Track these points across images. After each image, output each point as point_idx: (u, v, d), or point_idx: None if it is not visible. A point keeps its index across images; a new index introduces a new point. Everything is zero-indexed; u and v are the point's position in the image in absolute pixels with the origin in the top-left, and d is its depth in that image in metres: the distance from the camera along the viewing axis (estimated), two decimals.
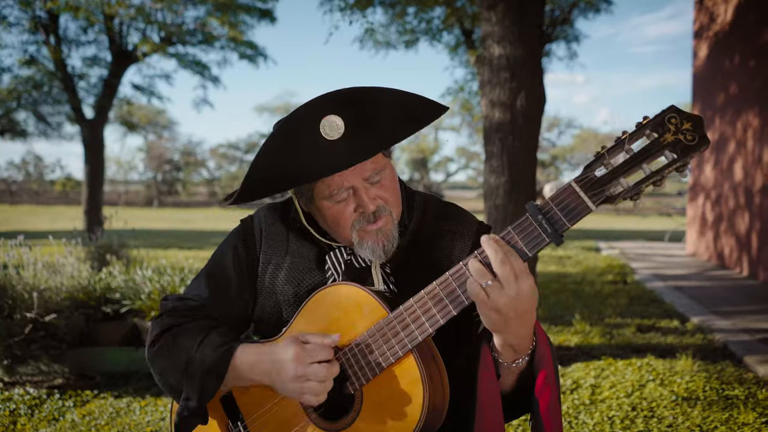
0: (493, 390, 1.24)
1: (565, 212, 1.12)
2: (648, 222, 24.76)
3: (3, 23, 11.66)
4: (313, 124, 1.23)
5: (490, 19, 4.33)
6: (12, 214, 29.14)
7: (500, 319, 1.13)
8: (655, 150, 1.11)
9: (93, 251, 5.53)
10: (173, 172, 48.52)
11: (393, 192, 1.36)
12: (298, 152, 1.25)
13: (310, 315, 1.30)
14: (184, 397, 1.28)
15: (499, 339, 1.19)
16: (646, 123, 1.12)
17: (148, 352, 1.36)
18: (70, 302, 4.25)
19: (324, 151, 1.23)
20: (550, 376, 1.25)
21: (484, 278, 1.12)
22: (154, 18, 12.14)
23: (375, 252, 1.32)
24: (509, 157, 4.32)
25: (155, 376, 1.36)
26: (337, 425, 1.24)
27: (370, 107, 1.26)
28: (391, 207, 1.34)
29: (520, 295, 1.11)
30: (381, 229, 1.32)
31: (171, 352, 1.31)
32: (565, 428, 3.30)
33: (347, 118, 1.24)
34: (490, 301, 1.11)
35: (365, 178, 1.31)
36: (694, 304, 6.40)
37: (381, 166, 1.33)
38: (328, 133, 1.23)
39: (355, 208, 1.32)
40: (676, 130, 1.09)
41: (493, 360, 1.24)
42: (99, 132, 13.18)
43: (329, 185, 1.30)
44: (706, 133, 1.12)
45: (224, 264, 1.46)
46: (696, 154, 1.10)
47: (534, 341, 1.23)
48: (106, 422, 3.41)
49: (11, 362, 3.95)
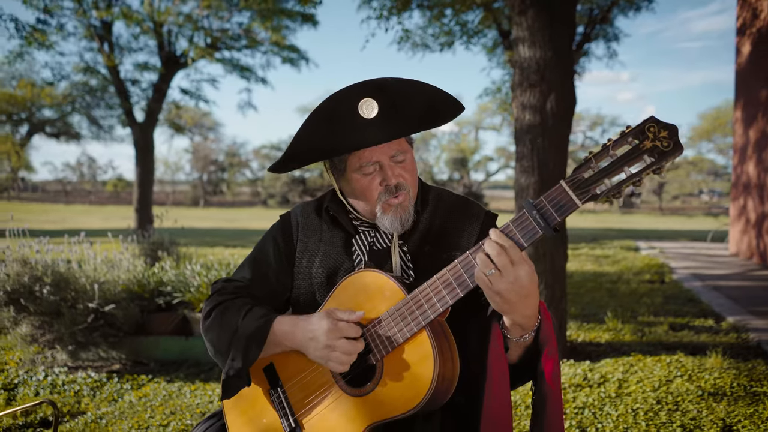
0: (501, 361, 1.42)
1: (555, 208, 1.29)
2: (693, 222, 24.17)
3: (62, 32, 12.33)
4: (352, 105, 1.46)
5: (520, 24, 4.47)
6: (67, 213, 30.47)
7: (503, 302, 1.31)
8: (635, 155, 1.26)
9: (146, 248, 5.89)
10: (218, 173, 49.71)
11: (412, 174, 1.58)
12: (338, 127, 1.47)
13: (340, 297, 1.51)
14: (230, 360, 1.51)
15: (507, 319, 1.38)
16: (629, 131, 1.28)
17: (202, 325, 1.61)
18: (126, 294, 4.59)
19: (360, 127, 1.46)
20: (552, 350, 1.43)
21: (487, 267, 1.30)
22: (201, 24, 12.62)
23: (393, 224, 1.54)
24: (539, 157, 4.45)
25: (207, 344, 1.59)
26: (361, 391, 1.45)
27: (401, 96, 1.48)
28: (409, 186, 1.56)
29: (518, 280, 1.29)
30: (401, 204, 1.53)
31: (220, 323, 1.55)
32: (589, 419, 3.44)
33: (381, 103, 1.46)
34: (493, 286, 1.30)
35: (391, 156, 1.53)
36: (731, 303, 6.38)
37: (405, 149, 1.55)
38: (365, 113, 1.45)
39: (380, 181, 1.53)
40: (654, 137, 1.24)
41: (503, 335, 1.43)
42: (149, 134, 13.78)
43: (360, 158, 1.52)
44: (680, 141, 1.28)
45: (266, 252, 1.70)
46: (671, 158, 1.25)
47: (539, 319, 1.41)
48: (159, 403, 3.71)
49: (75, 348, 4.31)
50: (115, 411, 3.60)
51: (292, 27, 13.12)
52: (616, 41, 10.63)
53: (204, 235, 16.20)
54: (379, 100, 1.46)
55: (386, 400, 1.41)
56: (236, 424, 1.58)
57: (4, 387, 3.98)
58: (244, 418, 1.57)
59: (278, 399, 1.54)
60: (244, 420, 1.57)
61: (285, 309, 1.71)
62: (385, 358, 1.43)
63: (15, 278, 4.25)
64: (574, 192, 1.29)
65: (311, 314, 1.50)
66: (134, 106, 13.81)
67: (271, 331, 1.50)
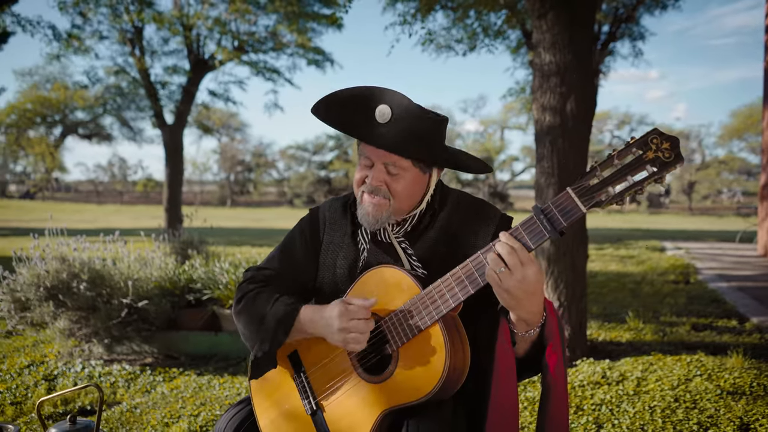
0: (508, 354, 1.53)
1: (562, 213, 1.39)
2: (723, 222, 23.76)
3: (96, 36, 12.70)
4: (377, 103, 1.61)
5: (540, 28, 4.54)
6: (99, 213, 31.21)
7: (511, 298, 1.42)
8: (638, 165, 1.34)
9: (176, 246, 6.10)
10: (245, 173, 50.31)
11: (402, 188, 1.67)
12: (358, 113, 1.63)
13: (360, 289, 1.64)
14: (260, 342, 1.66)
15: (514, 315, 1.48)
16: (633, 142, 1.36)
17: (234, 310, 1.76)
18: (158, 291, 4.78)
19: (371, 123, 1.61)
20: (556, 345, 1.53)
21: (498, 266, 1.41)
22: (228, 28, 12.88)
23: (362, 218, 1.69)
24: (559, 159, 4.52)
25: (239, 327, 1.74)
26: (378, 378, 1.57)
27: (402, 119, 1.60)
28: (392, 196, 1.67)
29: (525, 279, 1.39)
30: (375, 204, 1.66)
31: (251, 309, 1.70)
32: (606, 415, 3.51)
33: (393, 117, 1.60)
34: (502, 284, 1.40)
35: (384, 163, 1.66)
36: (756, 304, 6.34)
37: (402, 168, 1.66)
38: (377, 116, 1.61)
39: (366, 176, 1.68)
40: (656, 148, 1.32)
41: (510, 331, 1.53)
42: (178, 136, 14.10)
43: (363, 148, 1.68)
44: (681, 152, 1.37)
45: (294, 242, 1.85)
46: (672, 168, 1.33)
47: (544, 316, 1.52)
48: (190, 395, 3.88)
49: (110, 341, 4.52)
50: (149, 401, 3.78)
51: (317, 30, 13.31)
52: (642, 40, 10.58)
53: (231, 235, 16.50)
54: (393, 114, 1.59)
55: (401, 387, 1.52)
56: (262, 405, 1.72)
57: (45, 378, 4.19)
58: (270, 401, 1.71)
59: (301, 383, 1.68)
60: (269, 402, 1.71)
61: (309, 298, 1.84)
62: (400, 348, 1.55)
63: (54, 275, 4.46)
64: (580, 198, 1.37)
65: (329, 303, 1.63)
66: (164, 109, 14.14)
67: (297, 319, 1.63)
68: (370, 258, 1.74)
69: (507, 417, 1.54)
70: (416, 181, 1.70)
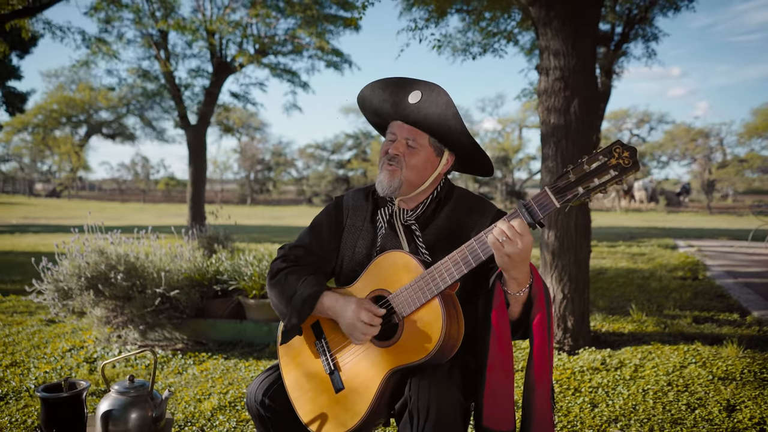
0: (503, 314, 1.84)
1: (540, 207, 1.73)
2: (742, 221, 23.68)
3: (122, 41, 13.19)
4: (412, 87, 1.99)
5: (545, 34, 4.82)
6: (123, 210, 31.93)
7: (509, 261, 1.74)
8: (603, 169, 1.67)
9: (203, 241, 6.48)
10: (265, 172, 50.91)
11: (415, 163, 2.01)
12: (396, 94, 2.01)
13: (374, 270, 1.97)
14: (289, 316, 2.00)
15: (507, 275, 1.80)
16: (600, 151, 1.69)
17: (268, 284, 2.08)
18: (188, 282, 5.14)
19: (404, 103, 1.99)
20: (540, 304, 1.85)
21: (501, 236, 1.73)
22: (249, 32, 13.28)
23: (381, 183, 2.02)
24: (563, 159, 4.79)
25: (271, 300, 2.08)
26: (386, 343, 1.89)
27: (430, 102, 1.96)
28: (405, 166, 2.00)
29: (523, 246, 1.72)
30: (390, 171, 2.00)
31: (283, 286, 2.03)
32: (601, 396, 3.79)
33: (423, 98, 1.96)
34: (504, 249, 1.73)
35: (405, 138, 2.01)
36: (760, 299, 6.53)
37: (419, 144, 2.01)
38: (410, 98, 1.98)
39: (389, 148, 2.03)
40: (618, 156, 1.65)
41: (504, 293, 1.84)
42: (201, 136, 14.54)
43: (392, 126, 2.04)
44: (638, 160, 1.67)
45: (321, 223, 2.19)
46: (630, 173, 1.66)
47: (531, 278, 1.84)
48: (219, 376, 4.23)
49: (144, 328, 4.89)
50: (181, 381, 4.14)
51: (335, 32, 13.64)
52: (656, 41, 10.71)
53: (252, 231, 16.93)
54: (422, 97, 1.96)
55: (404, 350, 1.84)
56: (288, 367, 2.06)
57: (86, 360, 4.58)
58: (295, 363, 2.05)
59: (321, 347, 2.02)
60: (294, 364, 2.05)
61: (332, 274, 2.19)
62: (405, 318, 1.87)
63: (93, 266, 4.85)
64: (554, 196, 1.71)
65: (350, 296, 1.96)
66: (188, 110, 14.59)
67: (319, 301, 1.98)
68: (385, 242, 2.07)
69: (503, 370, 1.83)
70: (428, 159, 2.03)
